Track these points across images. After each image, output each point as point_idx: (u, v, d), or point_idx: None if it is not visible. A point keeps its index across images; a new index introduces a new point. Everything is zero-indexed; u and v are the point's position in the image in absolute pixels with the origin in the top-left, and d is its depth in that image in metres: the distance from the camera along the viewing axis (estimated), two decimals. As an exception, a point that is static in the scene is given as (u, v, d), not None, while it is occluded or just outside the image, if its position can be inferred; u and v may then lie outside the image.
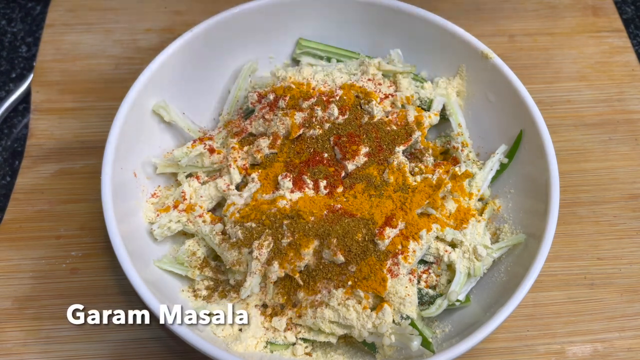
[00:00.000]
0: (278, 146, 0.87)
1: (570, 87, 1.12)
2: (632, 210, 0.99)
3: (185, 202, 0.86)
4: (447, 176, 0.85)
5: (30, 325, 0.88)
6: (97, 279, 0.91)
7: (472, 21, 1.17)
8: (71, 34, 1.14)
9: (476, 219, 0.86)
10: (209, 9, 1.17)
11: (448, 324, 0.83)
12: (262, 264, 0.78)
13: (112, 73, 1.10)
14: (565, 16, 1.20)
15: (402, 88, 0.94)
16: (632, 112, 1.09)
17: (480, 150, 0.95)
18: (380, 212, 0.80)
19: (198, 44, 0.92)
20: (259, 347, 0.80)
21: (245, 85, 0.97)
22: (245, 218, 0.81)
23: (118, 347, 0.87)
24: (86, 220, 0.95)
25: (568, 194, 1.00)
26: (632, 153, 1.05)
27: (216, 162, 0.89)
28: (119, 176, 0.82)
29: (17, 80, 1.12)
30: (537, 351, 0.88)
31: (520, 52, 1.15)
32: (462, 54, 0.94)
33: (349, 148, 0.85)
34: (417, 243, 0.80)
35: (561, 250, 0.95)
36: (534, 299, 0.91)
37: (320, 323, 0.79)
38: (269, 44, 0.99)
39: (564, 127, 1.07)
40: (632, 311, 0.91)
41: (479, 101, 0.95)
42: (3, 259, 0.92)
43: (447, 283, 0.84)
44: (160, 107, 0.90)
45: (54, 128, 1.04)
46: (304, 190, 0.83)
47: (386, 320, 0.77)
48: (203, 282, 0.84)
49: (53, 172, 1.00)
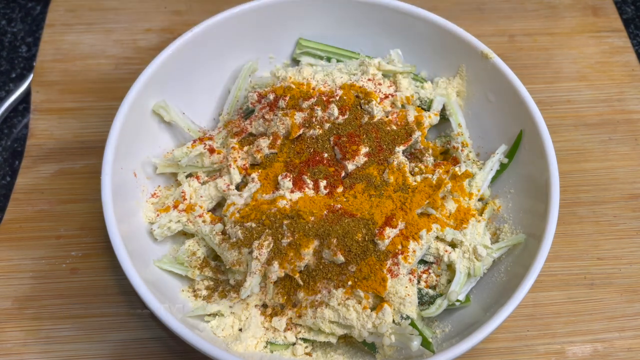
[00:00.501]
0: (278, 146, 0.86)
1: (570, 87, 1.12)
2: (632, 210, 0.99)
3: (185, 202, 0.86)
4: (447, 176, 0.85)
5: (30, 325, 0.88)
6: (97, 279, 0.91)
7: (472, 21, 1.17)
8: (71, 34, 1.14)
9: (476, 219, 0.86)
10: (209, 9, 1.17)
11: (448, 324, 0.83)
12: (262, 264, 0.78)
13: (112, 73, 1.10)
14: (565, 16, 1.20)
15: (402, 88, 0.94)
16: (632, 112, 1.09)
17: (480, 150, 0.95)
18: (380, 212, 0.80)
19: (198, 44, 0.92)
20: (259, 347, 0.80)
21: (245, 85, 0.97)
22: (245, 218, 0.81)
23: (118, 347, 0.87)
24: (86, 220, 0.96)
25: (568, 194, 1.00)
26: (632, 153, 1.05)
27: (216, 162, 0.89)
28: (119, 176, 0.82)
29: (17, 80, 1.12)
30: (537, 351, 0.88)
31: (520, 52, 1.15)
32: (462, 54, 0.94)
33: (349, 148, 0.85)
34: (417, 243, 0.80)
35: (561, 250, 0.95)
36: (534, 299, 0.91)
37: (320, 323, 0.79)
38: (269, 44, 0.99)
39: (564, 127, 1.07)
40: (632, 311, 0.92)
41: (479, 101, 0.95)
42: (3, 259, 0.92)
43: (447, 283, 0.84)
44: (160, 107, 0.90)
45: (54, 128, 1.04)
46: (304, 190, 0.83)
47: (386, 320, 0.77)
48: (203, 282, 0.84)
49: (53, 172, 1.00)
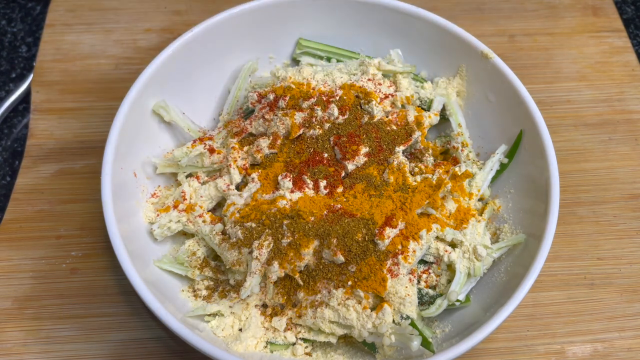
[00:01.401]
0: (278, 146, 0.86)
1: (570, 87, 1.12)
2: (632, 210, 0.99)
3: (185, 202, 0.86)
4: (447, 176, 0.85)
5: (30, 325, 0.88)
6: (97, 279, 0.91)
7: (472, 21, 1.18)
8: (71, 34, 1.14)
9: (476, 219, 0.86)
10: (209, 9, 1.17)
11: (448, 324, 0.83)
12: (262, 264, 0.78)
13: (112, 73, 1.10)
14: (565, 16, 1.20)
15: (402, 88, 0.94)
16: (632, 112, 1.09)
17: (480, 150, 0.95)
18: (380, 212, 0.80)
19: (198, 44, 0.92)
20: (259, 347, 0.80)
21: (245, 85, 0.97)
22: (245, 218, 0.81)
23: (118, 347, 0.87)
24: (86, 220, 0.96)
25: (568, 194, 1.00)
26: (632, 153, 1.05)
27: (216, 162, 0.89)
28: (119, 176, 0.82)
29: (17, 80, 1.12)
30: (537, 351, 0.88)
31: (520, 52, 1.15)
32: (462, 54, 0.94)
33: (349, 148, 0.85)
34: (417, 243, 0.80)
35: (561, 250, 0.95)
36: (534, 299, 0.91)
37: (320, 323, 0.79)
38: (269, 44, 0.99)
39: (564, 127, 1.07)
40: (632, 311, 0.92)
41: (479, 101, 0.95)
42: (3, 259, 0.92)
43: (447, 283, 0.84)
44: (160, 107, 0.90)
45: (54, 128, 1.04)
46: (304, 190, 0.83)
47: (386, 320, 0.77)
48: (203, 282, 0.84)
49: (53, 172, 1.00)
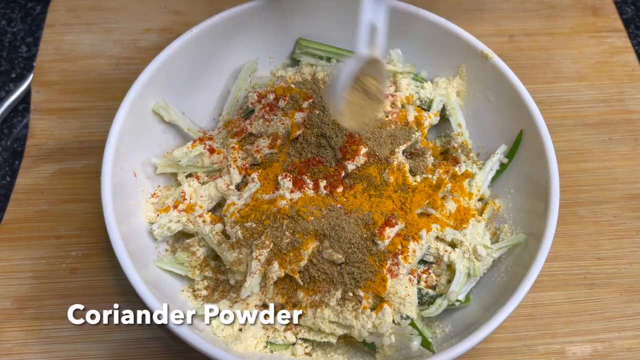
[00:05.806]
0: (278, 146, 0.86)
1: (570, 87, 1.12)
2: (632, 210, 0.99)
3: (185, 202, 0.86)
4: (447, 176, 0.85)
5: (30, 325, 0.87)
6: (97, 279, 0.91)
7: (472, 21, 1.17)
8: (71, 34, 1.14)
9: (476, 219, 0.86)
10: (209, 9, 1.17)
11: (448, 324, 0.83)
12: (262, 264, 0.78)
13: (112, 73, 1.10)
14: (565, 16, 1.20)
15: (402, 88, 0.94)
16: (632, 112, 1.09)
17: (480, 150, 0.95)
18: (380, 212, 0.80)
19: (198, 44, 0.92)
20: (259, 347, 0.80)
21: (245, 85, 0.97)
22: (245, 218, 0.81)
23: (118, 347, 0.87)
24: (86, 220, 0.95)
25: (568, 194, 1.00)
26: (632, 153, 1.05)
27: (216, 162, 0.89)
28: (119, 176, 0.82)
29: (17, 80, 1.12)
30: (537, 351, 0.88)
31: (520, 52, 1.15)
32: (462, 54, 0.94)
33: (349, 148, 0.85)
34: (417, 243, 0.80)
35: (561, 250, 0.95)
36: (534, 299, 0.91)
37: (320, 323, 0.79)
38: (269, 44, 0.99)
39: (564, 127, 1.07)
40: (632, 311, 0.91)
41: (479, 101, 0.95)
42: (3, 259, 0.92)
43: (447, 283, 0.84)
44: (160, 107, 0.90)
45: (54, 128, 1.04)
46: (304, 190, 0.83)
47: (386, 320, 0.77)
48: (203, 282, 0.84)
49: (53, 172, 1.00)
